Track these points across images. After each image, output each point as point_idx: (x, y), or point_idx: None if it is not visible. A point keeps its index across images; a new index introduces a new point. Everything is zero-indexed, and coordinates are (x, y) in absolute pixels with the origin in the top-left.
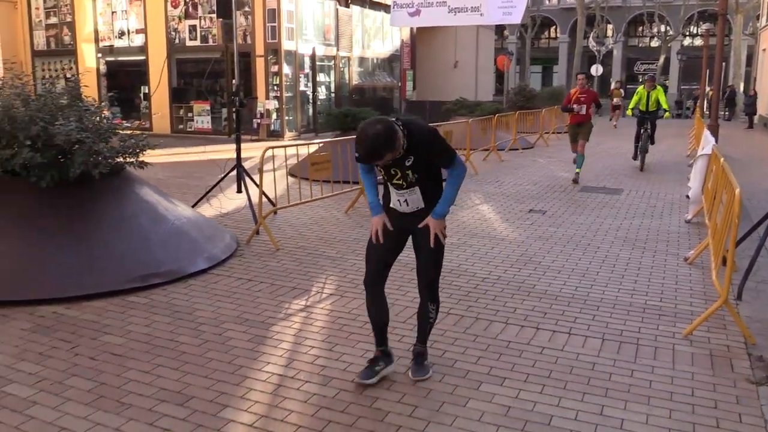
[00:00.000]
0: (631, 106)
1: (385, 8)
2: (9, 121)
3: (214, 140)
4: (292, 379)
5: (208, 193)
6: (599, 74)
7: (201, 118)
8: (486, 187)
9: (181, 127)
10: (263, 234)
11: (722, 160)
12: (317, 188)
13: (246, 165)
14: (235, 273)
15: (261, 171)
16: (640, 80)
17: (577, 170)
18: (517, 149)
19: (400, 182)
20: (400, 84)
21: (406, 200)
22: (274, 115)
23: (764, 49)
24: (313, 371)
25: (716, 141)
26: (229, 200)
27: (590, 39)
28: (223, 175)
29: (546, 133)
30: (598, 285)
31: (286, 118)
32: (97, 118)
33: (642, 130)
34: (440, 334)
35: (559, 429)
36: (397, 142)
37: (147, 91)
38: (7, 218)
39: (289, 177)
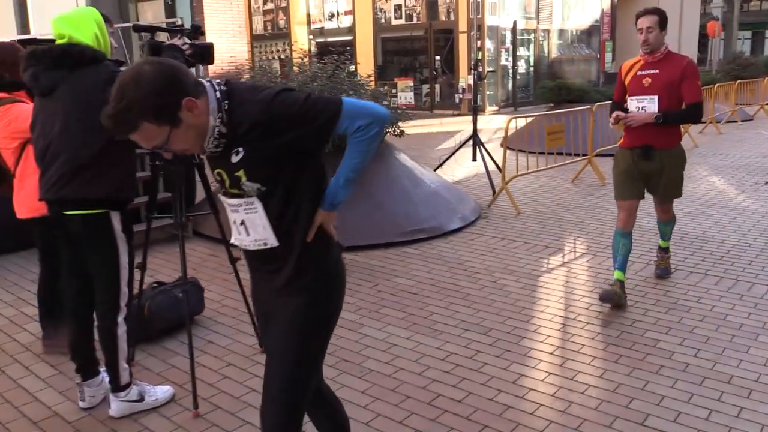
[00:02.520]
0: None
1: None
2: None
3: (416, 115)
4: (575, 320)
5: (445, 161)
6: None
7: (404, 94)
8: (710, 159)
9: (385, 103)
10: (499, 200)
11: None
12: (533, 159)
13: (462, 136)
14: (488, 232)
15: (505, 140)
16: None
17: (664, 250)
18: (736, 121)
19: (234, 190)
20: (599, 56)
21: (243, 222)
22: None
23: None
24: (590, 315)
25: None
26: (461, 168)
27: None
28: (459, 145)
29: (767, 104)
30: None
31: (487, 92)
32: (369, 90)
33: None
34: (704, 291)
35: None
36: (176, 109)
37: (353, 69)
38: None
39: (500, 148)
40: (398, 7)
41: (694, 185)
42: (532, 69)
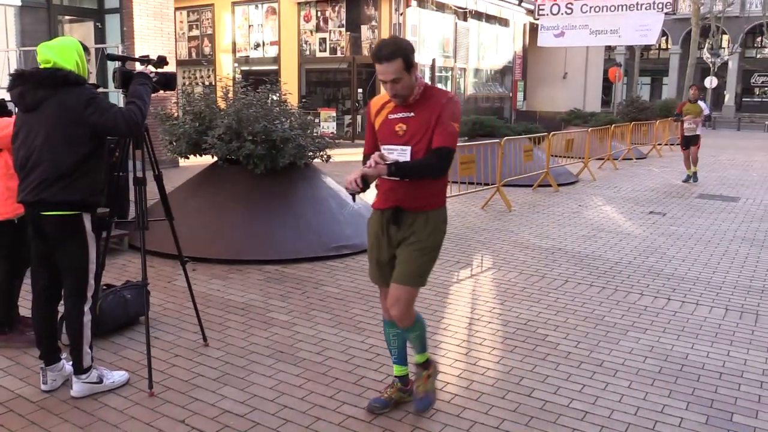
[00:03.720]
0: None
1: (500, 21)
2: (237, 120)
3: (338, 144)
4: (479, 320)
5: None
6: (713, 87)
7: (327, 123)
8: (605, 191)
9: (308, 131)
10: None
11: None
12: (454, 186)
13: None
14: None
15: None
16: (757, 93)
17: (422, 366)
18: (631, 159)
19: None
20: (511, 94)
21: None
22: None
23: None
24: (492, 316)
25: None
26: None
27: (705, 50)
28: None
29: (659, 144)
30: (719, 272)
31: None
32: (298, 118)
33: None
34: (588, 298)
35: (694, 361)
36: None
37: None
38: (231, 196)
39: None
40: (323, 40)
41: (589, 213)
42: None
